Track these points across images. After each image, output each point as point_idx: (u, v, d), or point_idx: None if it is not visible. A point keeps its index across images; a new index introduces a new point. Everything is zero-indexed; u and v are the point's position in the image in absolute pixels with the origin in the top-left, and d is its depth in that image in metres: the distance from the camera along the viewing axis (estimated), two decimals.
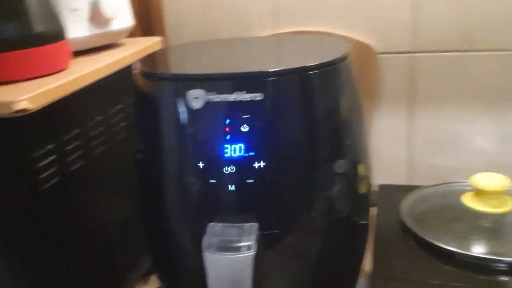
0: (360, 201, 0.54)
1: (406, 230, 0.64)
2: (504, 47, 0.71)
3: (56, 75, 0.54)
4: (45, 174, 0.51)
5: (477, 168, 0.68)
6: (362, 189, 0.53)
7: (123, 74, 0.64)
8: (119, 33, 0.68)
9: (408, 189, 0.73)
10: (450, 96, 0.76)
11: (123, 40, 0.73)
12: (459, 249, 0.58)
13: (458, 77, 0.74)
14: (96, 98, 0.60)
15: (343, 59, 0.49)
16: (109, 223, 0.64)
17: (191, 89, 0.45)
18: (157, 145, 0.49)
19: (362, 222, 0.55)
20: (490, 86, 0.74)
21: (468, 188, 0.67)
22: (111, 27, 0.65)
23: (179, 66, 0.54)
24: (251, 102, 0.44)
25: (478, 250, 0.58)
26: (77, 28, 0.61)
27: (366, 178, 0.54)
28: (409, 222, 0.64)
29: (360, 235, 0.56)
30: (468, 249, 0.58)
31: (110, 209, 0.64)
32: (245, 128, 0.45)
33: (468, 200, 0.64)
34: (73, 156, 0.56)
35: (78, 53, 0.63)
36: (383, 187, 0.75)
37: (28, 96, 0.46)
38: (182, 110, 0.46)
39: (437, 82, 0.75)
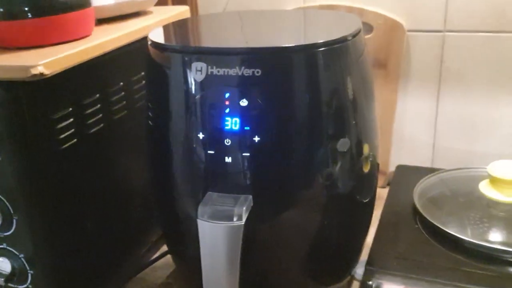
0: (363, 180, 0.54)
1: (415, 213, 0.63)
2: None
3: (78, 41, 0.56)
4: (65, 134, 0.54)
5: (503, 155, 0.66)
6: (366, 168, 0.53)
7: (144, 44, 0.66)
8: (146, 1, 0.70)
9: (426, 171, 0.72)
10: (479, 79, 0.73)
11: (151, 9, 0.74)
12: (466, 236, 0.57)
13: (490, 59, 0.71)
14: (118, 65, 0.62)
15: (351, 37, 0.49)
16: (126, 184, 0.67)
17: (194, 62, 0.46)
18: (163, 113, 0.51)
19: (365, 201, 0.55)
20: None
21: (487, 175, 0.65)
22: None
23: (189, 38, 0.55)
24: (250, 77, 0.45)
25: (487, 238, 0.57)
26: None
27: (372, 158, 0.54)
28: (418, 204, 0.63)
29: (363, 214, 0.56)
30: (477, 237, 0.57)
31: (129, 172, 0.67)
32: (243, 103, 0.46)
33: (484, 188, 0.63)
34: (93, 119, 0.58)
35: (105, 21, 0.65)
36: (400, 168, 0.74)
37: (45, 61, 0.49)
38: (186, 81, 0.48)
39: (467, 63, 0.73)
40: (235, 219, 0.46)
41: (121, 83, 0.63)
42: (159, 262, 0.72)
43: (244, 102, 0.46)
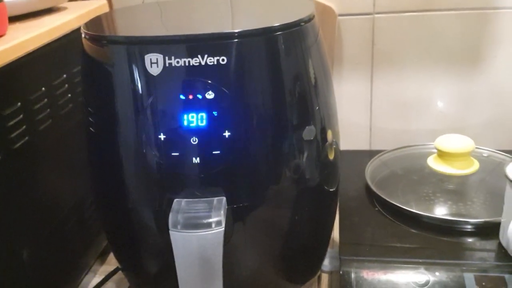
0: (329, 168, 0.52)
1: (371, 196, 0.63)
2: (465, 5, 0.70)
3: None
4: None
5: (439, 131, 0.68)
6: (331, 156, 0.51)
7: (67, 41, 0.58)
8: None
9: (370, 154, 0.72)
10: (410, 58, 0.74)
11: (65, 4, 0.66)
12: (425, 212, 0.57)
13: (419, 38, 0.73)
14: (39, 68, 0.54)
15: (309, 19, 0.46)
16: (61, 201, 0.59)
17: (148, 53, 0.41)
18: (112, 116, 0.44)
19: (331, 189, 0.53)
20: (451, 47, 0.73)
21: (431, 150, 0.67)
22: None
23: (131, 29, 0.49)
24: (215, 66, 0.41)
25: (444, 212, 0.58)
26: None
27: (335, 145, 0.52)
28: (374, 187, 0.63)
29: (330, 203, 0.54)
30: (434, 212, 0.58)
31: (62, 187, 0.59)
32: (209, 95, 0.41)
33: (433, 163, 0.64)
34: (16, 133, 0.50)
35: (16, 19, 0.57)
36: (344, 153, 0.73)
37: None
38: (138, 77, 0.42)
39: (397, 44, 0.74)
40: (213, 225, 0.41)
41: (43, 89, 0.55)
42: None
43: (210, 95, 0.41)
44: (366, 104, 0.78)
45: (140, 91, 0.42)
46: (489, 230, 0.54)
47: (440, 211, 0.58)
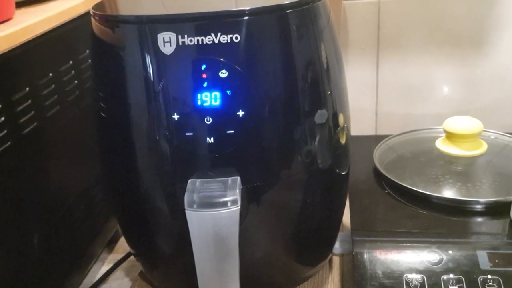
0: (341, 152, 0.51)
1: (380, 179, 0.63)
2: None
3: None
4: None
5: (444, 115, 0.67)
6: (342, 140, 0.51)
7: (73, 27, 0.58)
8: None
9: (378, 139, 0.72)
10: (415, 42, 0.74)
11: None
12: (435, 193, 0.57)
13: (424, 22, 0.73)
14: (47, 53, 0.54)
15: None
16: (69, 189, 0.58)
17: (160, 32, 0.40)
18: (124, 99, 0.44)
19: (343, 173, 0.53)
20: (455, 30, 0.73)
21: (438, 134, 0.67)
22: None
23: (142, 8, 0.49)
24: (229, 44, 0.40)
25: (453, 193, 0.58)
26: None
27: (346, 130, 0.52)
28: (383, 170, 0.63)
29: (341, 187, 0.54)
30: (444, 193, 0.58)
31: (69, 174, 0.59)
32: (223, 74, 0.41)
33: (441, 145, 0.64)
34: (24, 118, 0.50)
35: (22, 4, 0.56)
36: (352, 138, 0.73)
37: None
38: (151, 57, 0.42)
39: (403, 28, 0.74)
40: (229, 204, 0.41)
41: (51, 74, 0.55)
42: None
43: (224, 73, 0.41)
44: (372, 89, 0.78)
45: (153, 72, 0.42)
46: (499, 209, 0.54)
47: (450, 192, 0.58)
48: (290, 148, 0.46)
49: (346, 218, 0.58)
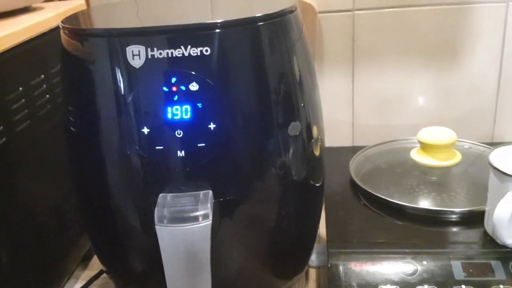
0: (315, 163, 0.51)
1: (356, 190, 0.63)
2: (442, 1, 0.71)
3: None
4: None
5: (419, 126, 0.68)
6: (317, 152, 0.51)
7: (44, 41, 0.57)
8: None
9: (353, 150, 0.72)
10: (390, 54, 0.75)
11: (41, 4, 0.65)
12: (410, 203, 0.57)
13: (398, 34, 0.74)
14: (16, 67, 0.53)
15: (291, 11, 0.46)
16: (39, 205, 0.57)
17: (129, 45, 0.40)
18: (94, 113, 0.43)
19: (317, 184, 0.53)
20: (429, 42, 0.74)
21: (413, 145, 0.67)
22: None
23: (111, 22, 0.49)
24: (199, 57, 0.40)
25: (428, 203, 0.59)
26: None
27: (320, 141, 0.52)
28: (359, 181, 0.63)
29: (316, 198, 0.54)
30: (419, 203, 0.58)
31: (40, 190, 0.58)
32: (193, 87, 0.41)
33: (416, 155, 0.64)
34: None
35: None
36: (327, 150, 0.73)
37: None
38: (120, 70, 0.41)
39: (377, 40, 0.74)
40: (200, 218, 0.40)
41: (20, 88, 0.54)
42: None
43: (194, 86, 0.41)
44: (348, 101, 0.79)
45: (123, 85, 0.42)
46: (473, 219, 0.55)
47: (425, 202, 0.58)
48: (263, 160, 0.46)
49: (323, 229, 0.57)
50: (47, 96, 0.59)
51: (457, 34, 0.73)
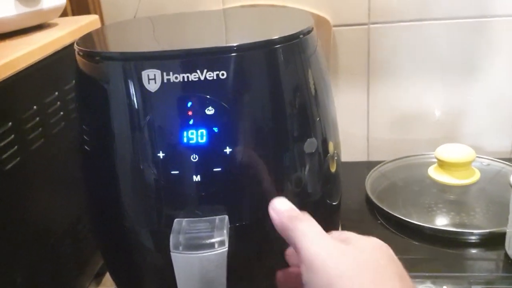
0: (332, 181, 0.50)
1: (373, 208, 0.62)
2: (459, 14, 0.70)
3: None
4: None
5: (436, 140, 0.67)
6: (333, 168, 0.50)
7: (58, 58, 0.57)
8: (50, 11, 0.61)
9: (370, 165, 0.71)
10: (406, 68, 0.74)
11: (55, 20, 0.65)
12: (428, 224, 0.56)
13: (414, 48, 0.73)
14: (31, 86, 0.53)
15: (309, 31, 0.45)
16: (54, 223, 0.57)
17: (145, 69, 0.39)
18: (109, 135, 0.43)
19: (334, 203, 0.52)
20: (446, 55, 0.73)
21: (431, 160, 0.66)
22: (41, 5, 0.58)
23: (126, 44, 0.48)
24: (215, 81, 0.40)
25: (447, 223, 0.57)
26: (2, 7, 0.53)
27: (337, 156, 0.51)
28: (375, 200, 0.62)
29: (333, 217, 0.53)
30: (437, 223, 0.57)
31: (54, 207, 0.57)
32: (209, 111, 0.40)
33: (434, 173, 0.63)
34: (7, 153, 0.48)
35: (4, 36, 0.55)
36: (343, 165, 0.72)
37: None
38: (135, 94, 0.41)
39: (393, 54, 0.73)
40: (216, 245, 0.40)
41: (35, 107, 0.54)
42: None
43: (210, 110, 0.40)
44: (363, 115, 0.78)
45: (138, 108, 0.41)
46: (494, 241, 0.53)
47: (443, 222, 0.57)
48: (279, 183, 0.45)
49: None
50: (61, 113, 0.58)
51: (474, 48, 0.72)
